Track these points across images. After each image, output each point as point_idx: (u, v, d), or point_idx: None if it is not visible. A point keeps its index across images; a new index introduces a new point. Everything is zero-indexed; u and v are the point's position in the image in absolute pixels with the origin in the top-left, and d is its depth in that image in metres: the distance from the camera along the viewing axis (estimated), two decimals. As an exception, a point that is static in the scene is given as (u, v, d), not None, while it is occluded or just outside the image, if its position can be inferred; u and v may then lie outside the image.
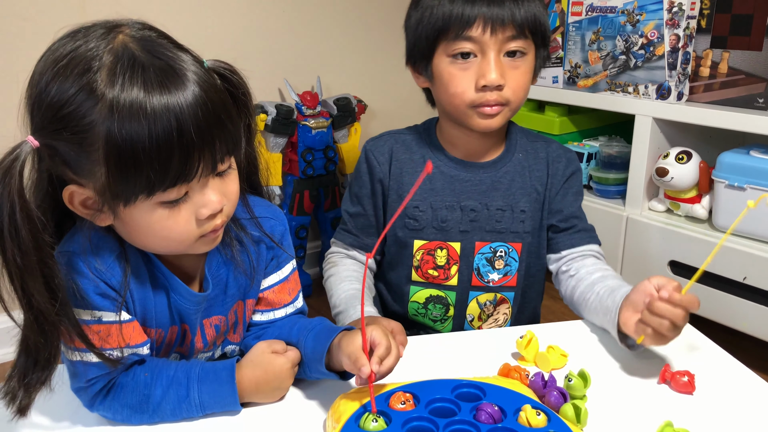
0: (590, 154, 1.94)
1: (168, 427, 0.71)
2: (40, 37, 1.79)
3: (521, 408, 0.67)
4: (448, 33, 0.93)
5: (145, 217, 0.64)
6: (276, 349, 0.76)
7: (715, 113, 1.58)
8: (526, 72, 0.96)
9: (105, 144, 0.59)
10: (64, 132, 0.60)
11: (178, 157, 0.60)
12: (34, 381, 0.63)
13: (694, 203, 1.69)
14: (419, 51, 0.98)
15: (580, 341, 0.89)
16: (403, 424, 0.65)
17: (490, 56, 0.92)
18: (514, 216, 1.02)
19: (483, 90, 0.93)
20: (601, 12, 1.79)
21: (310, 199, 2.04)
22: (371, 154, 1.05)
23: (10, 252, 0.58)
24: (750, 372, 0.83)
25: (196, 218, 0.65)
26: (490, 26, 0.91)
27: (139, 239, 0.68)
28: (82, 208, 0.65)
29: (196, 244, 0.68)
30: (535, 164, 1.04)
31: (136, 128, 0.58)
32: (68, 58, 0.61)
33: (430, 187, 1.02)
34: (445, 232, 1.02)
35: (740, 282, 1.55)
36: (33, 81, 0.63)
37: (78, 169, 0.62)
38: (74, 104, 0.59)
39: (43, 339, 0.62)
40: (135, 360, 0.72)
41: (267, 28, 2.05)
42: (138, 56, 0.60)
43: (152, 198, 0.62)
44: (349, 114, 2.06)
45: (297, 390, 0.78)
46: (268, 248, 0.81)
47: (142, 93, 0.58)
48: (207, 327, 0.79)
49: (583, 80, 1.88)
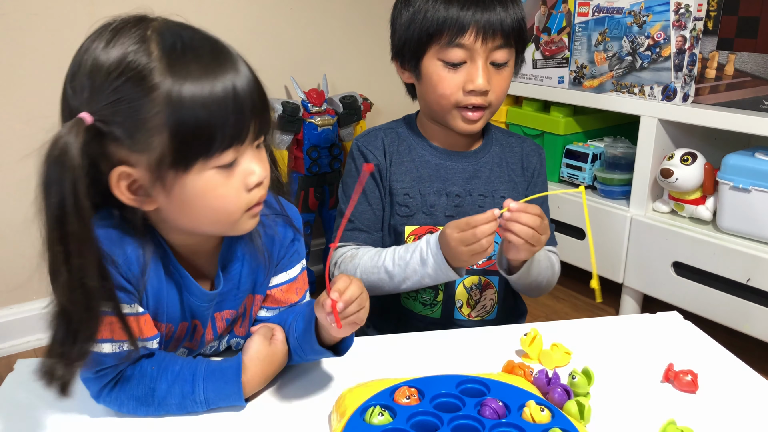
0: (595, 154, 1.94)
1: (173, 420, 0.72)
2: (48, 31, 1.81)
3: (525, 404, 0.67)
4: (441, 38, 0.97)
5: (200, 186, 0.64)
6: (270, 336, 0.77)
7: (721, 115, 1.58)
8: (508, 77, 1.03)
9: (166, 106, 0.60)
10: (122, 103, 0.60)
11: (234, 118, 0.63)
12: (75, 355, 0.63)
13: (698, 205, 1.69)
14: (409, 50, 1.02)
15: (583, 339, 0.90)
16: (408, 419, 0.65)
17: (478, 63, 0.98)
18: (495, 202, 1.06)
19: (470, 94, 0.99)
20: (607, 13, 1.79)
21: (315, 196, 2.05)
22: (365, 148, 1.09)
23: (71, 225, 0.59)
24: (753, 372, 0.83)
25: (246, 187, 0.67)
26: (482, 34, 0.96)
27: (188, 216, 0.67)
28: (128, 193, 0.65)
29: (241, 219, 0.69)
30: (510, 157, 1.12)
31: (196, 89, 0.61)
32: (116, 38, 0.62)
33: (417, 175, 1.07)
34: (434, 217, 1.06)
35: (744, 284, 1.55)
36: (81, 60, 0.63)
37: (132, 143, 0.62)
38: (132, 71, 0.60)
39: (88, 315, 0.62)
40: (143, 353, 0.73)
41: (274, 25, 2.06)
42: (182, 32, 0.64)
43: (209, 161, 0.63)
44: (355, 112, 2.07)
45: (302, 385, 0.78)
46: (282, 245, 0.81)
47: (197, 57, 0.62)
48: (218, 320, 0.80)
49: (588, 81, 1.88)
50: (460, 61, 0.98)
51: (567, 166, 1.98)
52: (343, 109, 2.04)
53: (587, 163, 1.94)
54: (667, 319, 0.97)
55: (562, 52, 1.96)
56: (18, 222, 1.68)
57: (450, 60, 0.98)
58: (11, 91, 1.67)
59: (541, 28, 2.01)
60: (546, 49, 2.00)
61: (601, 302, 1.99)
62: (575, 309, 1.98)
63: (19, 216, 1.68)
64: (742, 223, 1.57)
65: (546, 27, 2.00)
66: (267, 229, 0.79)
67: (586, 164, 1.94)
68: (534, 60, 2.04)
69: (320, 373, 0.80)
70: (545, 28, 2.00)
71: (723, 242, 1.59)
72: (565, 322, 0.95)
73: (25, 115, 1.68)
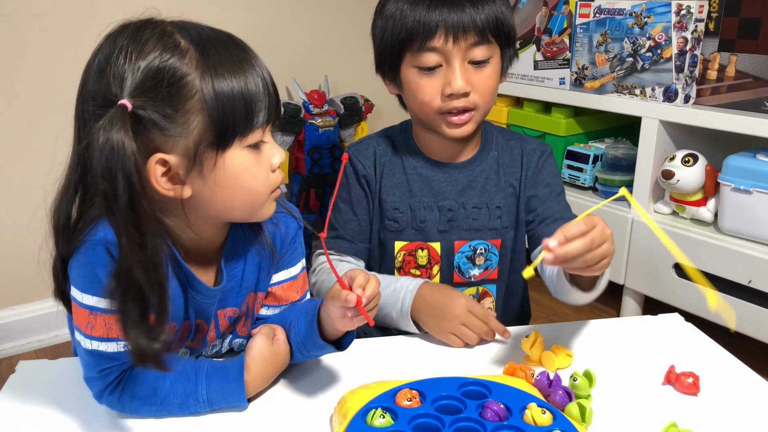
0: (596, 155, 1.94)
1: (175, 421, 0.72)
2: (51, 32, 1.82)
3: (527, 406, 0.67)
4: (412, 44, 0.93)
5: (237, 165, 0.67)
6: (272, 336, 0.78)
7: (722, 116, 1.58)
8: (491, 75, 0.96)
9: (203, 86, 0.64)
10: (160, 87, 0.62)
11: (262, 95, 0.67)
12: (156, 330, 0.65)
13: (699, 206, 1.69)
14: (386, 60, 0.99)
15: (585, 341, 0.90)
16: (410, 421, 0.65)
17: (455, 65, 0.93)
18: (490, 213, 1.03)
19: (450, 98, 0.94)
20: (608, 14, 1.79)
21: (316, 197, 2.05)
22: (355, 157, 1.05)
23: (142, 208, 0.62)
24: (755, 374, 0.83)
25: (270, 168, 0.71)
26: (452, 35, 0.91)
27: (223, 199, 0.69)
28: (164, 182, 0.66)
29: (267, 202, 0.72)
30: (509, 161, 1.06)
31: (229, 64, 0.65)
32: (141, 32, 0.65)
33: (407, 188, 1.04)
34: (425, 233, 1.03)
35: (745, 285, 1.55)
36: (109, 51, 0.64)
37: (169, 127, 0.64)
38: (167, 54, 0.63)
39: (161, 290, 0.65)
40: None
41: (275, 26, 2.06)
42: (199, 28, 0.68)
43: (245, 139, 0.67)
44: (356, 113, 2.07)
45: (303, 386, 0.78)
46: (284, 242, 0.83)
47: (221, 43, 0.67)
48: (221, 318, 0.80)
49: (590, 82, 1.88)
50: (435, 64, 0.93)
51: (568, 167, 1.98)
52: (344, 110, 2.04)
53: (588, 165, 1.94)
54: (669, 320, 0.97)
55: (563, 54, 1.96)
56: (20, 222, 1.68)
57: (424, 65, 0.94)
58: (14, 92, 1.68)
59: (542, 29, 2.01)
60: (547, 51, 2.00)
61: (602, 304, 1.99)
62: (576, 310, 1.98)
63: (21, 216, 1.69)
64: (744, 224, 1.56)
65: (547, 28, 2.00)
66: (270, 223, 0.80)
67: (587, 165, 1.94)
68: (535, 61, 2.04)
69: (322, 375, 0.81)
70: (546, 30, 2.00)
71: (724, 244, 1.58)
72: (567, 323, 0.95)
73: (28, 115, 1.69)
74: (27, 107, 1.68)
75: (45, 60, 1.69)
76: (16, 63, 1.66)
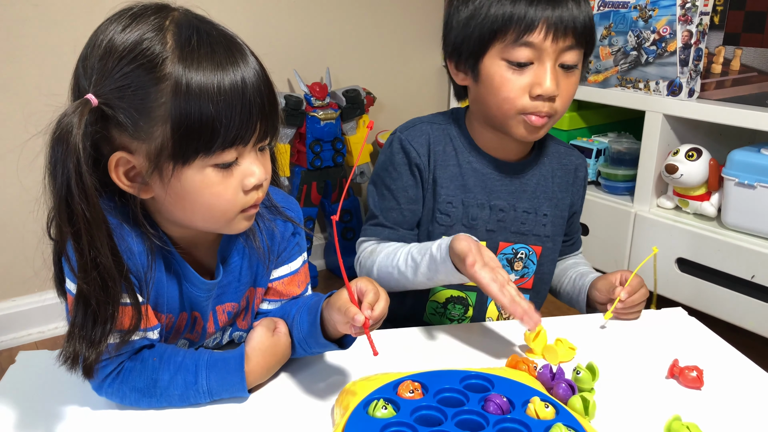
0: (599, 150, 1.93)
1: (175, 412, 0.71)
2: (50, 22, 1.81)
3: (530, 400, 0.66)
4: (506, 35, 0.89)
5: (197, 181, 0.64)
6: (273, 328, 0.77)
7: (727, 110, 1.57)
8: (575, 83, 0.94)
9: (173, 98, 0.60)
10: (129, 89, 0.60)
11: (240, 116, 0.62)
12: (98, 336, 0.64)
13: (703, 201, 1.68)
14: (467, 49, 0.93)
15: (588, 335, 0.89)
16: (412, 413, 0.65)
17: (547, 65, 0.89)
18: (537, 219, 1.02)
19: (536, 99, 0.90)
20: (613, 7, 1.78)
21: (318, 190, 2.05)
22: (408, 143, 0.99)
23: (77, 205, 0.59)
24: (758, 368, 0.83)
25: (243, 189, 0.67)
26: (552, 32, 0.88)
27: (183, 210, 0.67)
28: (124, 179, 0.65)
29: (236, 219, 0.69)
30: (559, 170, 1.04)
31: (204, 83, 0.60)
32: (134, 23, 0.62)
33: (462, 183, 0.99)
34: (474, 230, 0.99)
35: (748, 280, 1.54)
36: (96, 41, 0.63)
37: (134, 130, 0.62)
38: (144, 58, 0.60)
39: (106, 294, 0.63)
40: (144, 344, 0.72)
41: (277, 19, 2.05)
42: (200, 26, 0.64)
43: (210, 158, 0.63)
44: (358, 106, 2.06)
45: (305, 377, 0.78)
46: (283, 238, 0.81)
47: (211, 53, 0.62)
48: (220, 314, 0.80)
49: (593, 75, 1.87)
50: (527, 61, 0.89)
51: (571, 161, 1.98)
52: (346, 103, 2.03)
53: (591, 159, 1.93)
54: (672, 315, 0.97)
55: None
56: (19, 215, 1.68)
57: (516, 60, 0.89)
58: (12, 84, 1.67)
59: (545, 22, 2.00)
60: (550, 44, 1.99)
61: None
62: (578, 305, 1.97)
63: (20, 209, 1.68)
64: (747, 219, 1.56)
65: (551, 21, 1.99)
66: (267, 222, 0.79)
67: (591, 160, 1.93)
68: (538, 54, 2.03)
69: (324, 367, 0.80)
70: (550, 23, 1.99)
71: (728, 238, 1.58)
72: (570, 317, 0.95)
73: (26, 107, 1.68)
74: (26, 97, 1.67)
75: (44, 51, 1.68)
76: (15, 54, 1.66)
